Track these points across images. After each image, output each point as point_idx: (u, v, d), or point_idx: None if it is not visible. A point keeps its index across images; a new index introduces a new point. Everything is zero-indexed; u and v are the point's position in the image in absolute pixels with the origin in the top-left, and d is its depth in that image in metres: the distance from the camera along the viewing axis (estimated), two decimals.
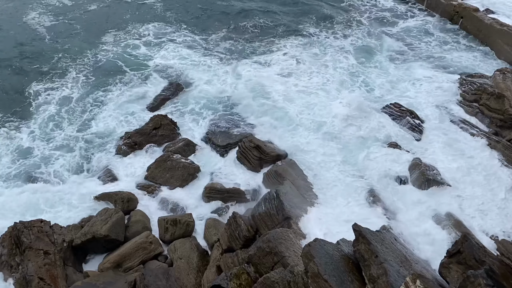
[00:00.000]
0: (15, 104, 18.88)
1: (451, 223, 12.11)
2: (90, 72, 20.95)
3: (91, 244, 12.20)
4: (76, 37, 24.13)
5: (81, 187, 14.61)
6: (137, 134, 16.43)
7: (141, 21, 25.58)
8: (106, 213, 12.59)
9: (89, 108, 18.60)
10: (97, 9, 27.31)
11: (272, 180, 13.88)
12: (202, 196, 14.27)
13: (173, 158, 15.02)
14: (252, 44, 23.31)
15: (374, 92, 19.05)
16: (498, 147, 14.84)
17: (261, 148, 14.84)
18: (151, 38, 23.90)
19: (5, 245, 11.60)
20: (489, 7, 24.18)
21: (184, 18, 26.01)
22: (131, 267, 11.65)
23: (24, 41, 23.46)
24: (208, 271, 11.28)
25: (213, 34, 24.36)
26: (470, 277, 6.60)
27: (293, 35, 23.78)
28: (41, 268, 10.89)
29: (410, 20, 25.38)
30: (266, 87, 19.19)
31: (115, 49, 22.72)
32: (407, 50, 22.34)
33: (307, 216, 11.96)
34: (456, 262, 7.56)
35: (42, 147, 16.50)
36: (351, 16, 25.67)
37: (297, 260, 8.94)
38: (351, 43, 22.87)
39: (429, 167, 14.17)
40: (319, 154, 15.42)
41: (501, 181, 13.64)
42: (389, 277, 7.00)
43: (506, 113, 15.61)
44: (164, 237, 12.66)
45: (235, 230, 11.37)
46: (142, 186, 14.61)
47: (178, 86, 19.44)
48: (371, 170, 14.58)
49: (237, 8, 26.83)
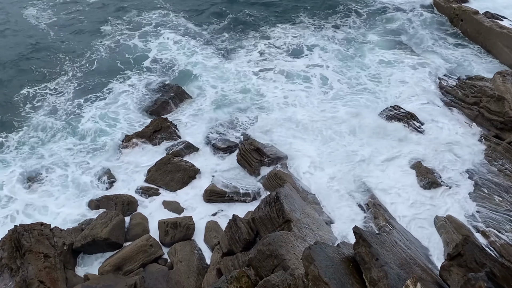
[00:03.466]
0: (7, 108, 18.86)
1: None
2: (88, 71, 21.00)
3: (91, 247, 12.19)
4: (74, 31, 24.11)
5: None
6: (137, 137, 16.42)
7: (139, 13, 25.70)
8: (106, 216, 12.59)
9: (88, 108, 18.59)
10: (96, 2, 27.41)
11: (272, 183, 13.88)
12: (203, 199, 14.27)
13: (173, 160, 15.02)
14: (252, 40, 23.32)
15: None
16: (498, 150, 14.85)
17: (261, 151, 14.84)
18: (149, 34, 23.98)
19: (5, 248, 11.57)
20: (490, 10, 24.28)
21: (185, 13, 26.07)
22: (131, 270, 11.63)
23: (22, 34, 23.49)
24: (208, 274, 11.26)
25: (212, 29, 24.39)
26: (471, 280, 6.59)
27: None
28: (41, 271, 10.87)
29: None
30: (267, 87, 19.22)
31: (113, 46, 22.68)
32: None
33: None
34: (456, 264, 7.54)
35: (36, 151, 16.55)
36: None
37: (298, 263, 8.93)
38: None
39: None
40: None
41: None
42: (389, 280, 6.99)
43: (506, 116, 15.60)
44: (165, 240, 12.65)
45: (235, 233, 11.36)
46: (142, 189, 14.62)
47: (178, 88, 19.44)
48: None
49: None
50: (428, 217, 13.15)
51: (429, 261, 11.33)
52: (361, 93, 19.08)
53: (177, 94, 19.13)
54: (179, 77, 20.45)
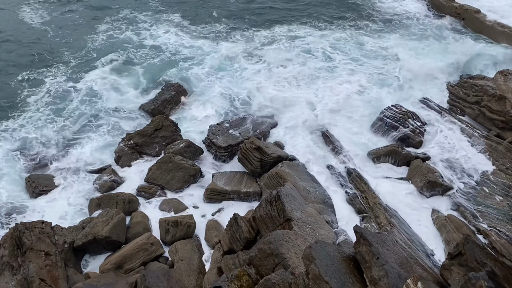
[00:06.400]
0: (4, 102, 18.88)
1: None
2: (86, 71, 20.89)
3: (92, 246, 12.21)
4: (71, 30, 24.11)
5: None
6: (138, 135, 16.43)
7: (137, 12, 25.67)
8: (107, 214, 12.59)
9: (87, 109, 18.58)
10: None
11: (273, 181, 13.87)
12: (203, 198, 14.28)
13: (174, 159, 15.01)
14: (255, 36, 23.28)
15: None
16: (499, 149, 14.83)
17: (262, 150, 14.81)
18: (148, 32, 23.89)
19: (6, 246, 11.58)
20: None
21: (184, 11, 26.03)
22: (132, 269, 11.65)
23: (17, 32, 23.51)
24: (209, 273, 11.26)
25: (214, 27, 24.36)
26: (472, 279, 6.58)
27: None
28: (42, 269, 10.89)
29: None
30: (269, 87, 19.20)
31: (112, 41, 22.66)
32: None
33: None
34: (457, 264, 7.52)
35: (38, 150, 16.59)
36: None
37: (298, 262, 8.92)
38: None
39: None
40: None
41: None
42: (390, 279, 6.98)
43: (507, 115, 15.57)
44: (165, 238, 12.66)
45: (236, 232, 11.34)
46: (143, 187, 14.62)
47: (179, 86, 19.43)
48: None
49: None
50: (428, 216, 13.16)
51: (430, 260, 11.34)
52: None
53: (178, 92, 19.13)
54: (180, 75, 20.40)
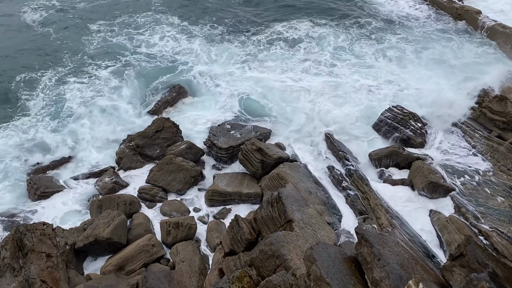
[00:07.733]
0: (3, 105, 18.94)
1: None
2: (86, 73, 20.92)
3: (93, 247, 12.21)
4: (68, 32, 24.16)
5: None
6: (139, 137, 16.43)
7: (135, 13, 25.71)
8: (108, 216, 12.59)
9: (87, 110, 18.58)
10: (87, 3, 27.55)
11: (274, 183, 13.87)
12: (205, 199, 14.28)
13: (175, 160, 15.02)
14: (253, 38, 23.30)
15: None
16: (500, 150, 14.81)
17: (263, 151, 14.80)
18: (147, 34, 23.91)
19: (7, 247, 11.58)
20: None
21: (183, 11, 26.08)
22: (133, 270, 11.64)
23: (16, 35, 23.58)
24: (210, 274, 11.26)
25: (214, 27, 24.38)
26: (473, 280, 6.58)
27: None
28: (43, 271, 10.89)
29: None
30: (269, 87, 19.21)
31: (110, 44, 22.66)
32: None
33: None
34: (459, 265, 7.52)
35: (39, 152, 16.64)
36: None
37: (299, 263, 8.92)
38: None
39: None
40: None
41: None
42: (391, 280, 6.98)
43: (508, 116, 15.55)
44: (166, 240, 12.66)
45: (237, 233, 11.35)
46: (144, 189, 14.63)
47: (181, 88, 19.45)
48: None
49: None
50: (429, 217, 13.13)
51: (431, 262, 11.31)
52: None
53: (179, 93, 19.15)
54: (181, 76, 20.43)
